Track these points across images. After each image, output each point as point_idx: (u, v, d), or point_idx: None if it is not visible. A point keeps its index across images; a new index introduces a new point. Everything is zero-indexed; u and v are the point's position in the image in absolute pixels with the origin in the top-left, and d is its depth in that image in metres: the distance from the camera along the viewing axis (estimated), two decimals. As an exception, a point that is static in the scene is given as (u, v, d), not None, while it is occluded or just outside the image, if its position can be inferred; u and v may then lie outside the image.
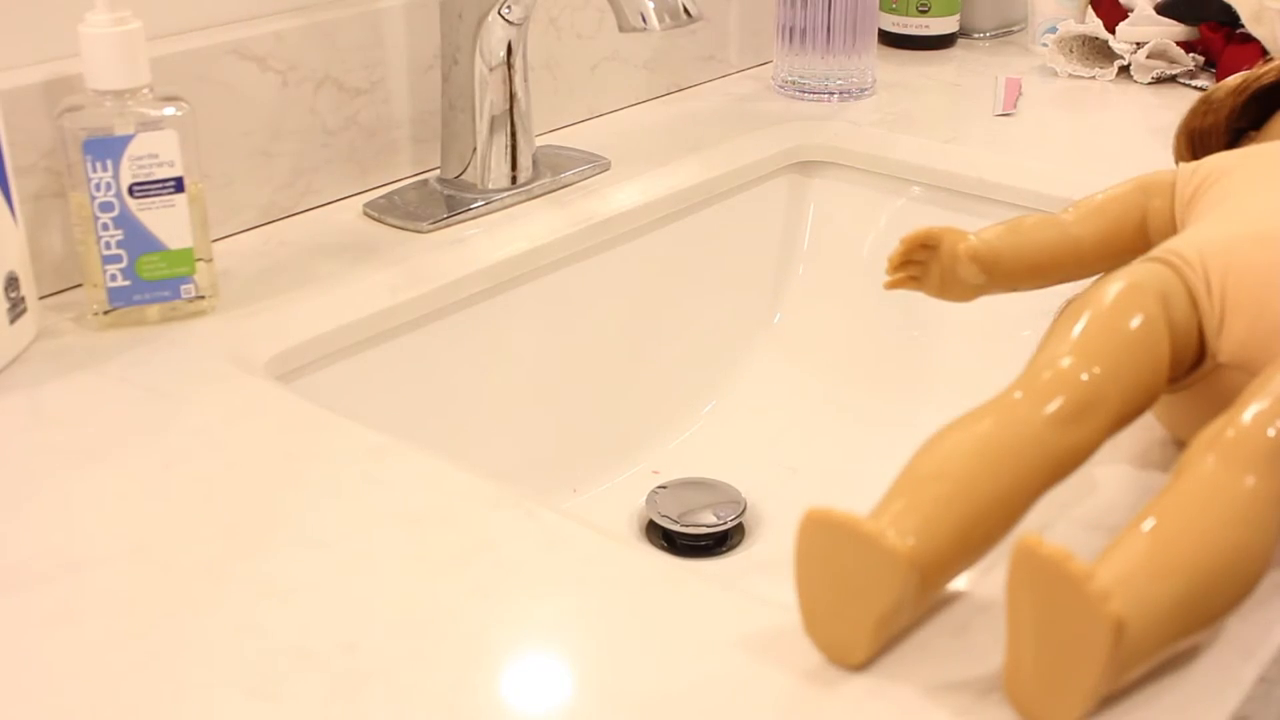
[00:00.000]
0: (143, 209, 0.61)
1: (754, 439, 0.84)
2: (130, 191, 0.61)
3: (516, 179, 0.78)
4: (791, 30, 0.97)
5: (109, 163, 0.60)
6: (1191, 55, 1.02)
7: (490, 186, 0.78)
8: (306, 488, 0.51)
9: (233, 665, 0.42)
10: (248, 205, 0.73)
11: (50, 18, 0.65)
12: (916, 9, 1.08)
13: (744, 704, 0.40)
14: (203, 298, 0.64)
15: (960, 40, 1.12)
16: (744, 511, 0.76)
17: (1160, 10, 1.03)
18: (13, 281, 0.59)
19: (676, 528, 0.75)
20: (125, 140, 0.60)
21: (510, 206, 0.78)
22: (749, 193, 0.89)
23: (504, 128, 0.77)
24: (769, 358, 0.89)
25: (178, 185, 0.62)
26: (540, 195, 0.79)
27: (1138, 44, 1.02)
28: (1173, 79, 1.02)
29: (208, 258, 0.64)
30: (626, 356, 0.83)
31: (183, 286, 0.63)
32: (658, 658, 0.42)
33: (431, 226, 0.74)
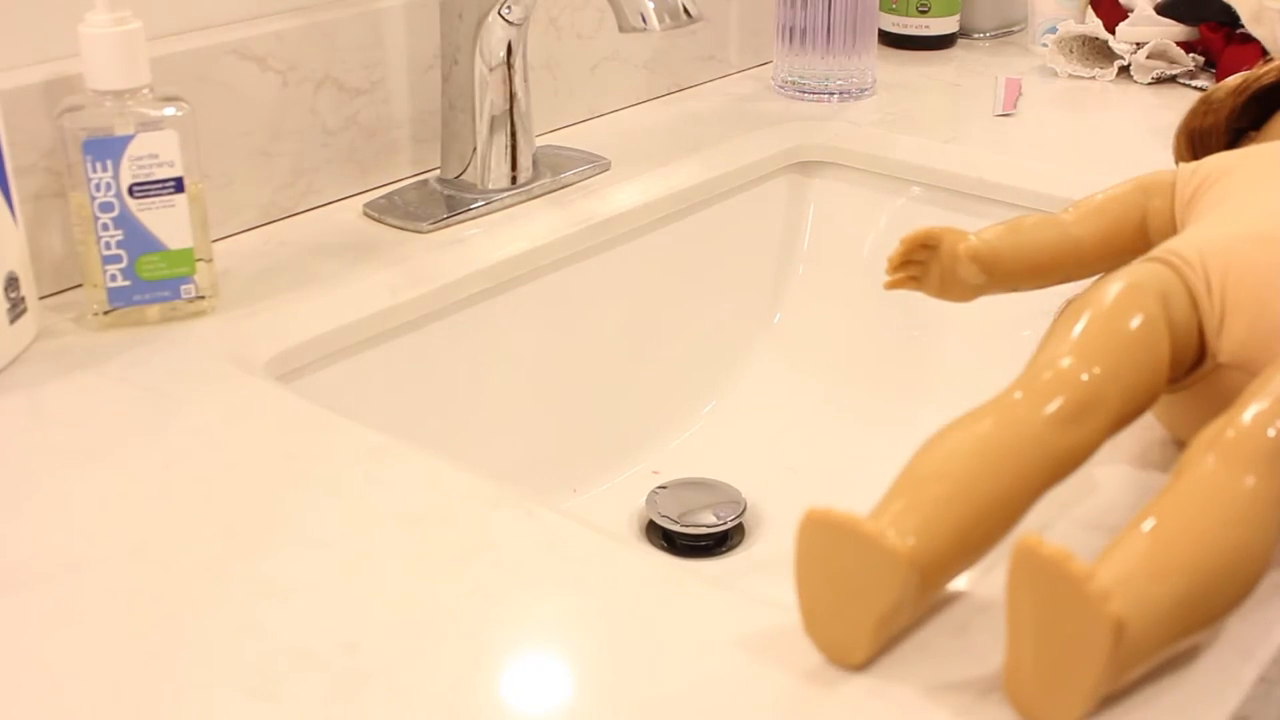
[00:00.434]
0: (143, 209, 0.61)
1: (754, 439, 0.84)
2: (130, 191, 0.61)
3: (516, 179, 0.78)
4: (791, 30, 0.97)
5: (109, 163, 0.60)
6: (1191, 55, 1.02)
7: (490, 186, 0.78)
8: (306, 488, 0.51)
9: (233, 665, 0.42)
10: (248, 205, 0.73)
11: (50, 18, 0.65)
12: (916, 9, 1.08)
13: (744, 704, 0.40)
14: (203, 298, 0.64)
15: (960, 40, 1.12)
16: (744, 511, 0.76)
17: (1160, 10, 1.03)
18: (13, 281, 0.59)
19: (676, 528, 0.75)
20: (125, 140, 0.60)
21: (510, 206, 0.78)
22: (749, 193, 0.89)
23: (504, 128, 0.77)
24: (769, 358, 0.89)
25: (178, 185, 0.62)
26: (540, 195, 0.79)
27: (1138, 44, 1.02)
28: (1173, 79, 1.02)
29: (208, 258, 0.64)
30: (626, 356, 0.83)
31: (183, 287, 0.63)
32: (657, 658, 0.42)
33: (431, 226, 0.74)
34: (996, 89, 0.99)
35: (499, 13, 0.73)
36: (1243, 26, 0.99)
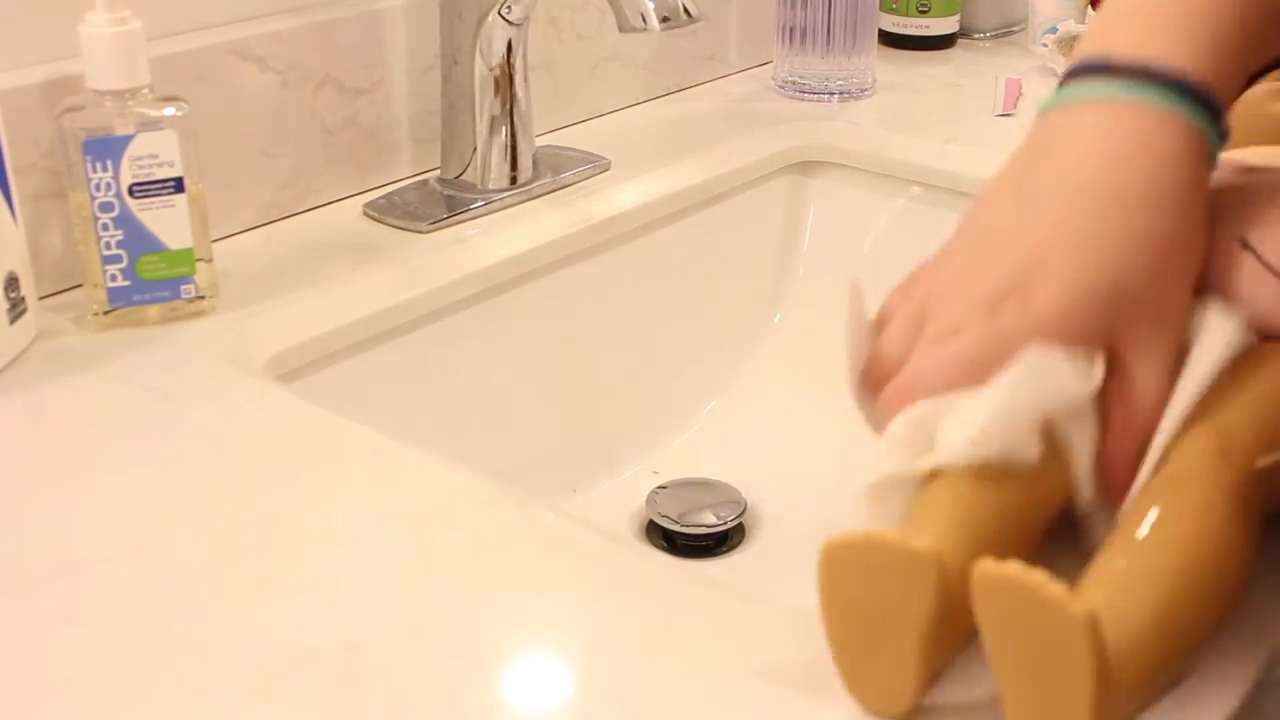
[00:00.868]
0: (143, 209, 0.61)
1: (754, 439, 0.84)
2: (130, 192, 0.61)
3: (516, 179, 0.78)
4: (791, 30, 0.97)
5: (109, 163, 0.60)
6: (1191, 55, 1.02)
7: (490, 187, 0.78)
8: (306, 488, 0.51)
9: (233, 665, 0.42)
10: (248, 205, 0.73)
11: (50, 18, 0.65)
12: (916, 9, 1.08)
13: (744, 704, 0.40)
14: (203, 298, 0.64)
15: (960, 40, 1.12)
16: (744, 511, 0.76)
17: (1160, 10, 1.03)
18: (13, 282, 0.59)
19: (677, 528, 0.75)
20: (125, 140, 0.60)
21: (510, 207, 0.78)
22: (749, 193, 0.89)
23: (504, 128, 0.77)
24: (769, 358, 0.89)
25: (178, 185, 0.62)
26: (540, 195, 0.79)
27: (1138, 44, 1.02)
28: (1173, 79, 1.02)
29: (208, 258, 0.64)
30: (626, 357, 0.82)
31: (183, 287, 0.63)
32: (657, 658, 0.42)
33: (431, 227, 0.74)
34: (997, 89, 0.99)
35: (499, 13, 0.73)
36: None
